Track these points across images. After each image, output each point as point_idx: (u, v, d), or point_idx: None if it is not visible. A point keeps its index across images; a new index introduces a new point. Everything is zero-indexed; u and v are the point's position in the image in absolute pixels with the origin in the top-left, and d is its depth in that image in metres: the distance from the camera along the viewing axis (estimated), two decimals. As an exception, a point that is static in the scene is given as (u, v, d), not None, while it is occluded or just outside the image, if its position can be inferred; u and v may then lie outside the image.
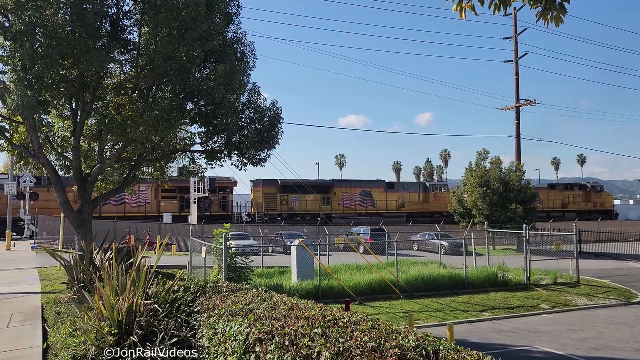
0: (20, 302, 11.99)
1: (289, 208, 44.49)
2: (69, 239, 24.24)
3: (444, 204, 50.02)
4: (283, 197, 44.47)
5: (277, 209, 44.27)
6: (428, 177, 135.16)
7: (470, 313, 14.50)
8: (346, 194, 47.01)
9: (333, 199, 46.35)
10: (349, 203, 47.08)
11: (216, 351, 5.48)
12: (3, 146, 14.71)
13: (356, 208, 47.13)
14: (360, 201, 47.49)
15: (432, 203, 50.02)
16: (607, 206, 55.60)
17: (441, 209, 49.50)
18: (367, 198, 47.94)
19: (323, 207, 45.92)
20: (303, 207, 44.98)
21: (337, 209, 46.06)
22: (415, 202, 49.76)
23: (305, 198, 44.73)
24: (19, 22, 10.84)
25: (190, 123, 15.16)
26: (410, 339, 4.04)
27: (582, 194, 54.56)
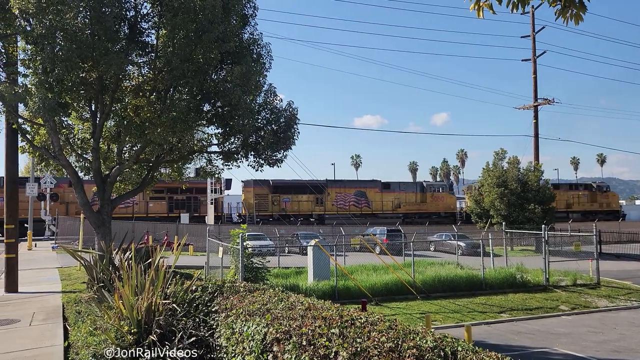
0: (42, 301, 12.20)
1: (281, 209, 43.79)
2: (88, 239, 24.58)
3: (441, 205, 49.58)
4: (274, 198, 43.92)
5: (269, 209, 43.73)
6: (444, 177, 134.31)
7: (488, 314, 14.39)
8: (340, 194, 46.29)
9: (326, 199, 45.63)
10: (343, 203, 46.35)
11: (234, 350, 5.52)
12: (24, 148, 14.97)
13: (350, 208, 46.39)
14: (354, 201, 46.79)
15: (429, 203, 49.15)
16: (613, 206, 54.29)
17: (438, 210, 48.99)
18: (362, 198, 47.20)
19: (316, 207, 45.25)
20: (295, 207, 44.28)
21: (331, 209, 45.41)
22: (412, 203, 48.95)
23: (298, 198, 44.16)
24: (39, 25, 11.02)
25: (207, 124, 15.27)
26: (428, 340, 4.02)
27: (587, 193, 53.34)
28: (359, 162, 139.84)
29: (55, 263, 20.91)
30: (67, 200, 38.29)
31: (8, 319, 10.09)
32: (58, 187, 37.59)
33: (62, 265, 19.69)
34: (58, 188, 37.61)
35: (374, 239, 26.70)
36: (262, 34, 15.09)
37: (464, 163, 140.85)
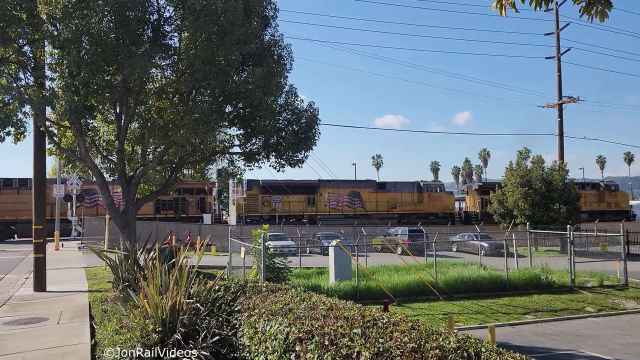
0: (69, 300, 12.46)
1: (271, 209, 43.17)
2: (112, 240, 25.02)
3: (439, 205, 48.54)
4: (265, 198, 43.24)
5: (259, 210, 43.12)
6: (467, 177, 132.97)
7: (512, 315, 14.20)
8: (333, 194, 45.52)
9: (318, 199, 44.99)
10: (336, 204, 45.64)
11: (256, 349, 5.56)
12: (52, 150, 15.32)
13: (343, 209, 45.72)
14: (348, 202, 46.00)
15: (426, 204, 48.21)
16: (623, 206, 52.67)
17: (436, 210, 47.97)
18: (356, 199, 46.38)
19: (307, 208, 44.56)
20: (286, 208, 43.60)
21: (323, 210, 44.75)
22: (408, 203, 48.00)
23: (289, 199, 43.44)
24: (66, 30, 11.27)
25: (228, 125, 15.43)
26: (451, 340, 4.00)
27: (595, 193, 51.85)
28: (380, 163, 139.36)
29: (81, 263, 21.32)
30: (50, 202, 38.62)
31: (37, 317, 10.33)
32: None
33: (88, 265, 20.06)
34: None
35: (395, 239, 26.58)
36: (282, 35, 15.21)
37: (486, 162, 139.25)
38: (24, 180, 38.93)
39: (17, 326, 9.52)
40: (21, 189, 37.99)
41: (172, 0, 13.32)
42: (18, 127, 13.23)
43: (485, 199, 50.53)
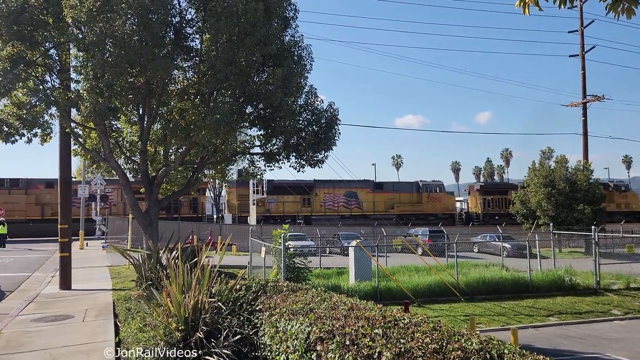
0: (94, 298, 12.69)
1: (265, 210, 42.66)
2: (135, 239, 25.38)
3: (438, 205, 47.74)
4: (259, 199, 42.55)
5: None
6: (488, 177, 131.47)
7: (535, 317, 14.00)
8: (328, 194, 44.98)
9: (314, 200, 44.42)
10: (332, 204, 45.03)
11: (278, 349, 5.60)
12: (77, 151, 15.62)
13: (339, 210, 45.14)
14: (344, 202, 45.41)
15: (425, 204, 47.43)
16: (633, 207, 51.19)
17: (435, 211, 47.14)
18: (352, 199, 45.78)
19: (302, 208, 43.99)
20: (280, 209, 43.21)
21: (319, 210, 44.14)
22: (406, 203, 47.24)
23: (283, 199, 42.94)
24: (90, 33, 11.47)
25: (249, 126, 15.51)
26: (473, 342, 3.98)
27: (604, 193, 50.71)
28: (400, 163, 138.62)
29: (105, 262, 21.68)
30: (43, 202, 38.86)
31: (63, 314, 10.55)
32: (35, 188, 38.63)
33: (111, 264, 20.39)
34: (35, 189, 38.64)
35: (416, 240, 26.43)
36: (302, 35, 15.23)
37: (508, 162, 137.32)
38: (16, 181, 39.52)
39: (44, 323, 9.74)
40: (12, 189, 38.38)
41: (194, 3, 13.46)
42: (44, 128, 13.53)
43: (487, 200, 49.67)
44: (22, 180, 39.47)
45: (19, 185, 38.64)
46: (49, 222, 37.56)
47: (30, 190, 38.55)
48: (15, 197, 37.90)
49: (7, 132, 13.03)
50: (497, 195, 50.19)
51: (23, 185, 38.63)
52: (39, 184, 39.11)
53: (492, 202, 49.76)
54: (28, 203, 38.12)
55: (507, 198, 49.91)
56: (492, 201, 49.79)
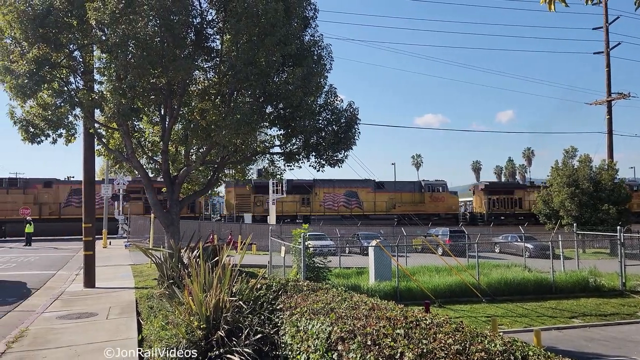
0: (117, 296, 12.88)
1: (264, 209, 42.24)
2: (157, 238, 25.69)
3: (442, 205, 46.83)
4: (257, 198, 42.40)
5: (250, 210, 42.42)
6: (510, 177, 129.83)
7: (558, 319, 13.78)
8: (328, 194, 44.35)
9: (313, 199, 43.89)
10: (332, 204, 44.41)
11: (298, 348, 5.61)
12: (100, 151, 15.87)
13: (339, 209, 44.55)
14: (344, 202, 44.75)
15: (428, 204, 46.53)
16: None
17: (438, 211, 46.29)
18: (353, 199, 45.14)
19: (302, 208, 43.46)
20: (279, 208, 42.40)
21: (318, 210, 43.54)
22: (408, 203, 46.32)
23: (283, 199, 42.28)
24: (114, 35, 11.65)
25: (269, 126, 15.59)
26: (497, 343, 3.93)
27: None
28: (419, 162, 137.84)
29: (127, 260, 21.99)
30: (41, 201, 39.21)
31: (87, 312, 10.73)
32: (33, 188, 39.01)
33: (134, 263, 20.67)
34: (33, 188, 39.01)
35: (436, 240, 26.24)
36: (322, 35, 15.24)
37: (530, 162, 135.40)
38: (14, 180, 40.06)
39: (70, 320, 9.92)
40: (10, 188, 38.80)
41: (215, 4, 13.58)
42: (69, 129, 13.77)
43: (493, 199, 48.69)
44: (20, 179, 40.13)
45: (17, 185, 39.13)
46: (47, 222, 38.20)
47: (29, 190, 38.96)
48: (13, 196, 38.32)
49: (33, 132, 13.30)
50: (503, 195, 49.25)
51: (21, 185, 39.15)
52: (37, 184, 39.63)
53: (498, 202, 48.85)
54: (26, 203, 38.42)
55: (513, 198, 48.99)
56: (497, 201, 48.85)
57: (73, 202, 39.16)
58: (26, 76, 11.90)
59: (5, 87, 12.34)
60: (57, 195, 39.52)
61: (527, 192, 49.86)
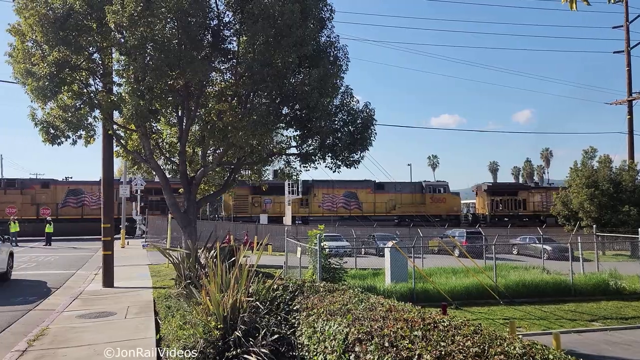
0: (135, 296, 13.02)
1: (261, 210, 42.13)
2: (174, 238, 25.92)
3: (442, 207, 46.25)
4: (255, 199, 42.19)
5: (248, 211, 42.17)
6: (528, 178, 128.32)
7: (578, 322, 13.59)
8: (327, 195, 43.97)
9: (312, 200, 43.53)
10: (331, 205, 44.02)
11: (315, 349, 5.61)
12: (119, 152, 16.07)
13: (338, 210, 44.18)
14: (343, 203, 44.36)
15: (429, 205, 45.97)
16: None
17: (439, 212, 45.69)
18: (352, 200, 44.71)
19: (300, 209, 43.09)
20: (277, 209, 42.46)
21: (317, 211, 43.20)
22: (409, 204, 45.90)
23: (280, 200, 42.08)
24: (132, 37, 11.79)
25: (285, 127, 15.62)
26: (516, 346, 3.88)
27: None
28: (435, 163, 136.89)
29: (145, 260, 22.21)
30: (38, 202, 39.33)
31: (106, 311, 10.86)
32: (30, 188, 39.22)
33: (151, 263, 20.87)
34: (30, 189, 39.22)
35: (453, 241, 26.06)
36: (338, 36, 15.23)
37: (548, 162, 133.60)
38: (12, 181, 40.27)
39: (89, 319, 10.05)
40: (8, 189, 39.06)
41: (232, 6, 13.66)
42: (88, 130, 13.98)
43: (496, 201, 48.02)
44: (18, 180, 40.51)
45: (15, 186, 39.40)
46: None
47: (26, 190, 39.22)
48: (11, 196, 38.56)
49: (53, 134, 13.51)
50: (507, 196, 48.60)
51: (19, 185, 39.45)
52: (34, 184, 39.98)
53: (501, 203, 48.22)
54: (24, 203, 38.66)
55: (516, 199, 48.27)
56: (500, 202, 48.21)
57: (70, 203, 39.44)
58: (47, 78, 12.11)
59: (26, 90, 12.56)
60: (55, 196, 39.65)
61: (531, 194, 49.23)
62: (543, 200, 48.85)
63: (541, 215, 48.17)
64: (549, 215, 47.74)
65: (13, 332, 9.51)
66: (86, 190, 40.25)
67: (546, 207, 48.12)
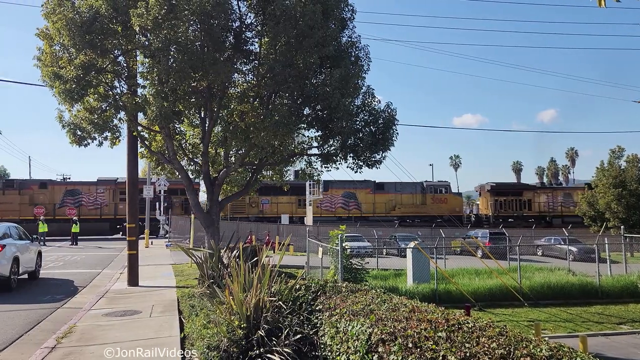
0: (159, 295, 13.20)
1: (259, 211, 41.83)
2: (196, 238, 26.19)
3: (444, 207, 45.50)
4: (252, 199, 41.87)
5: (245, 211, 41.98)
6: (552, 178, 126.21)
7: (605, 325, 13.33)
8: (326, 195, 43.38)
9: None
10: (329, 205, 43.50)
11: (338, 349, 5.62)
12: (143, 153, 16.31)
13: (337, 211, 43.79)
14: (342, 203, 43.85)
15: (430, 206, 45.25)
16: None
17: (441, 212, 44.76)
18: (351, 200, 44.19)
19: (298, 209, 42.85)
20: (274, 209, 42.21)
21: (315, 212, 42.31)
22: (409, 205, 45.28)
23: (277, 200, 41.81)
24: (156, 40, 11.97)
25: (307, 127, 15.66)
26: (543, 348, 3.83)
27: None
28: (458, 163, 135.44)
29: (169, 260, 22.49)
30: (36, 202, 39.46)
31: (132, 310, 11.04)
32: (29, 189, 39.39)
33: (175, 262, 21.12)
34: (29, 189, 39.40)
35: (476, 242, 25.79)
36: (359, 36, 15.22)
37: (574, 162, 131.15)
38: (10, 181, 40.68)
39: (115, 318, 10.23)
40: (6, 189, 39.36)
41: (253, 7, 13.76)
42: (114, 132, 14.22)
43: (500, 201, 47.22)
44: (16, 180, 41.01)
45: (14, 186, 39.75)
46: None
47: (24, 191, 39.50)
48: (9, 197, 38.87)
49: (80, 135, 13.77)
50: (511, 197, 47.77)
51: (17, 186, 39.81)
52: (32, 185, 40.20)
53: (505, 204, 47.42)
54: (22, 203, 38.91)
55: (521, 199, 47.42)
56: (504, 203, 47.42)
57: (67, 203, 39.71)
58: (74, 81, 12.36)
59: (54, 92, 12.83)
60: (52, 196, 39.93)
61: (537, 194, 48.35)
62: (549, 201, 48.06)
63: (547, 216, 47.39)
64: (555, 216, 46.88)
65: (42, 329, 9.73)
66: (83, 190, 40.55)
67: (552, 208, 47.29)
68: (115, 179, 40.92)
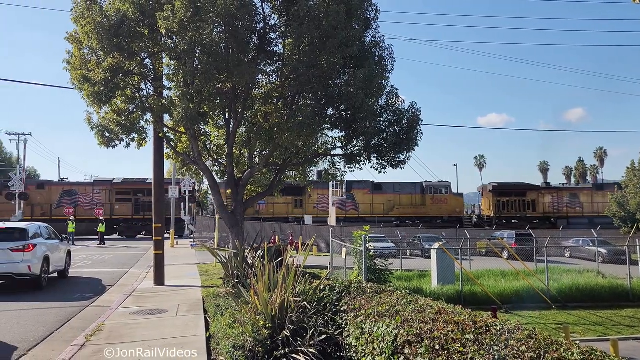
0: (185, 294, 13.35)
1: (254, 211, 41.13)
2: (221, 238, 26.42)
3: (444, 208, 44.69)
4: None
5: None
6: (580, 178, 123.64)
7: (637, 329, 13.00)
8: (323, 196, 42.86)
9: (307, 201, 42.70)
10: (326, 206, 42.70)
11: (363, 350, 5.60)
12: (169, 154, 16.53)
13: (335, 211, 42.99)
14: (339, 204, 42.98)
15: (429, 206, 44.41)
16: None
17: (441, 213, 44.09)
18: (349, 200, 43.55)
19: (295, 210, 42.44)
20: (270, 210, 41.79)
21: (312, 212, 42.17)
22: (408, 205, 44.49)
23: (274, 200, 41.08)
24: (182, 42, 12.13)
25: (330, 128, 15.67)
26: (574, 352, 3.75)
27: None
28: (482, 163, 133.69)
29: (194, 259, 22.74)
30: (33, 202, 39.74)
31: (158, 309, 11.19)
32: (26, 189, 39.49)
33: (200, 262, 21.35)
34: (26, 189, 39.49)
35: (502, 243, 25.43)
36: (383, 36, 15.18)
37: (603, 162, 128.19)
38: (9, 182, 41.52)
39: (142, 316, 10.38)
40: (4, 190, 39.57)
41: (277, 8, 13.83)
42: (140, 133, 14.45)
43: (502, 202, 46.22)
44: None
45: None
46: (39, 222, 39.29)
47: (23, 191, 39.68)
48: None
49: (108, 137, 14.04)
50: (514, 197, 46.78)
51: None
52: (30, 185, 40.57)
53: (508, 204, 46.41)
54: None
55: (525, 200, 46.43)
56: (507, 203, 46.41)
57: (64, 204, 39.99)
58: (102, 84, 12.60)
59: (83, 95, 13.11)
60: (49, 197, 40.30)
61: (541, 194, 47.30)
62: (554, 202, 47.01)
63: (552, 217, 46.35)
64: (560, 217, 45.77)
65: (72, 327, 9.94)
66: (80, 191, 40.93)
67: (557, 209, 46.20)
68: (111, 179, 41.47)
